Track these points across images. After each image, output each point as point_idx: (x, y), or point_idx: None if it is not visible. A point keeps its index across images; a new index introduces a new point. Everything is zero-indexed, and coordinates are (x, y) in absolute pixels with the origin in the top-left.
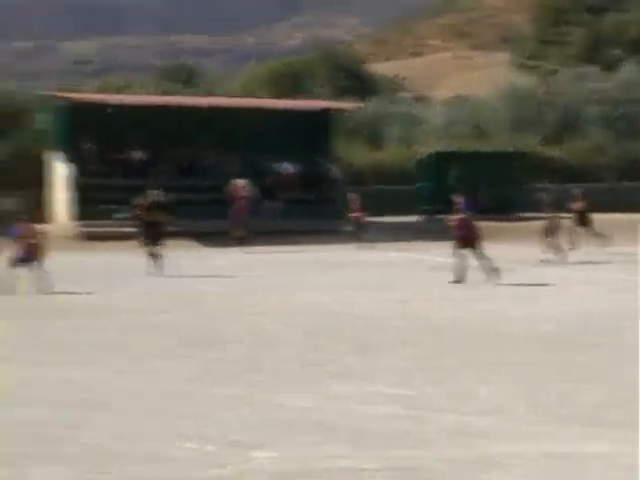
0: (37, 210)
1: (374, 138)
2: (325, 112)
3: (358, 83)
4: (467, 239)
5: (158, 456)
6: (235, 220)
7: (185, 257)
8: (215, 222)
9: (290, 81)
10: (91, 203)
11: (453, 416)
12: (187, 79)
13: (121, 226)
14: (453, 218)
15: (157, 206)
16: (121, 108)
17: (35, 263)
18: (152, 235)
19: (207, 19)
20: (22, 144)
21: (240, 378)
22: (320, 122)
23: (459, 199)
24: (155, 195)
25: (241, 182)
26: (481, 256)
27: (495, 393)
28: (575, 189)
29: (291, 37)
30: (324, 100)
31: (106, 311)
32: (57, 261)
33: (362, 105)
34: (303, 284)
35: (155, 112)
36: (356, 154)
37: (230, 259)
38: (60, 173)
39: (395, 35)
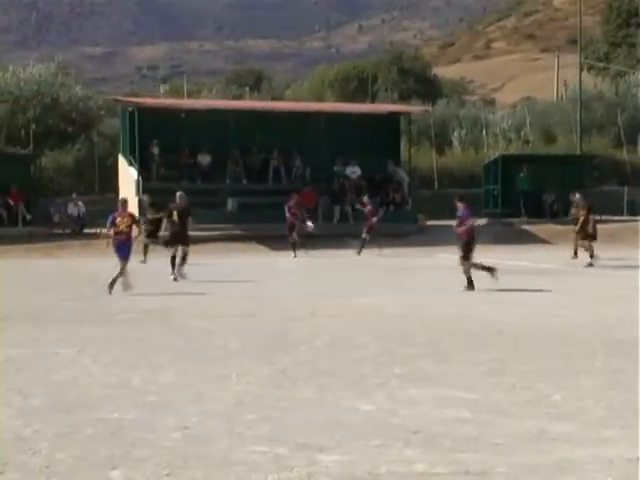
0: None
1: (441, 141)
2: (392, 115)
3: (425, 86)
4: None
5: (228, 459)
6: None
7: (252, 260)
8: (282, 226)
9: (357, 85)
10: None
11: (525, 421)
12: (255, 83)
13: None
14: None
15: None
16: (189, 113)
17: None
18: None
19: (274, 23)
20: (91, 149)
21: (311, 381)
22: (387, 125)
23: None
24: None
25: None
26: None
27: (570, 398)
28: (576, 195)
29: (358, 41)
30: (391, 103)
31: (172, 315)
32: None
33: (429, 108)
34: (370, 287)
35: (223, 116)
36: (423, 157)
37: (297, 262)
38: (128, 177)
39: (462, 38)
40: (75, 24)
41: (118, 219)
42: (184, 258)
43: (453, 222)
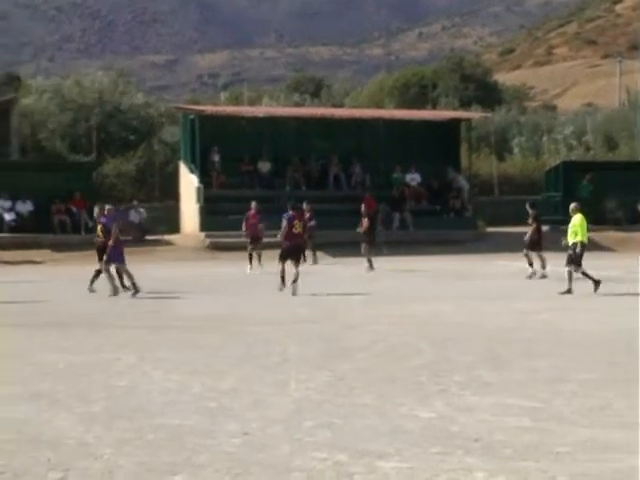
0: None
1: (501, 148)
2: (452, 122)
3: (485, 93)
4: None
5: (288, 465)
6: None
7: (314, 267)
8: (343, 233)
9: (417, 91)
10: (218, 214)
11: (587, 429)
12: (315, 90)
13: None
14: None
15: None
16: (249, 120)
17: None
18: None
19: (334, 31)
20: (152, 156)
21: (370, 388)
22: (447, 132)
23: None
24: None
25: None
26: None
27: (634, 407)
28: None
29: (418, 47)
30: (451, 110)
31: (231, 322)
32: (188, 272)
33: (490, 115)
34: (429, 294)
35: (283, 123)
36: (483, 164)
37: (356, 269)
38: (189, 185)
39: (523, 44)
40: (138, 32)
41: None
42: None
43: (515, 229)
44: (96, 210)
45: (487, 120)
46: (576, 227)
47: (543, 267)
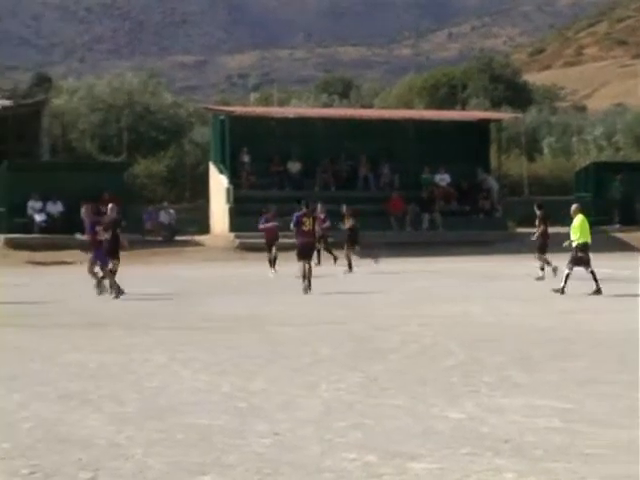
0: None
1: (531, 148)
2: (482, 122)
3: (515, 93)
4: None
5: (318, 466)
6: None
7: (344, 268)
8: (372, 234)
9: (446, 92)
10: (248, 215)
11: (618, 431)
12: (344, 91)
13: None
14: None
15: None
16: (279, 121)
17: None
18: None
19: (363, 31)
20: (182, 157)
21: (401, 389)
22: (477, 132)
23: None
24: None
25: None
26: None
27: None
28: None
29: (447, 48)
30: (481, 110)
31: (261, 322)
32: (217, 272)
33: (520, 115)
34: (459, 295)
35: (312, 124)
36: (513, 165)
37: (386, 270)
38: (218, 185)
39: (553, 44)
40: (167, 33)
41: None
42: (113, 272)
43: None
44: (83, 210)
45: (517, 120)
46: (576, 228)
47: (542, 269)
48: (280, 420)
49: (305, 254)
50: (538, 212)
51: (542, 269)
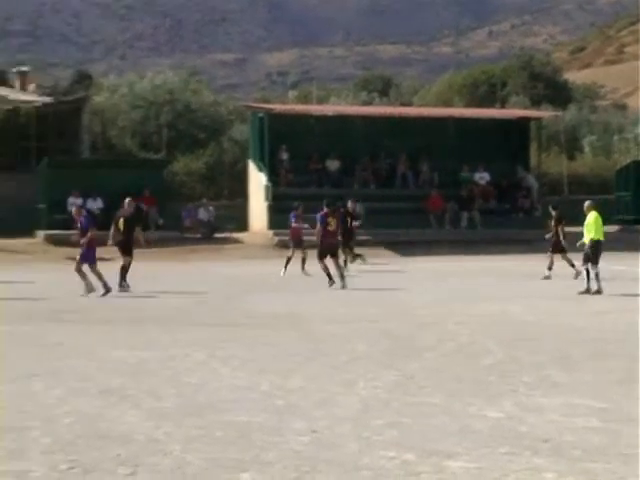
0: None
1: (571, 147)
2: (522, 121)
3: (555, 91)
4: None
5: (356, 463)
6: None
7: (382, 266)
8: (410, 231)
9: (486, 90)
10: (287, 212)
11: None
12: (383, 89)
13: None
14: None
15: None
16: (318, 118)
17: None
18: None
19: (403, 29)
20: (221, 155)
21: (438, 387)
22: (516, 131)
23: None
24: None
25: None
26: None
27: None
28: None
29: (487, 46)
30: (521, 109)
31: (299, 320)
32: (256, 269)
33: (560, 114)
34: (498, 294)
35: (351, 122)
36: (552, 163)
37: (425, 268)
38: (257, 183)
39: (593, 43)
40: (207, 31)
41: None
42: (126, 269)
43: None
44: (74, 210)
45: (557, 119)
46: (590, 225)
47: (549, 268)
48: (318, 418)
49: (328, 254)
50: (553, 213)
51: (550, 268)
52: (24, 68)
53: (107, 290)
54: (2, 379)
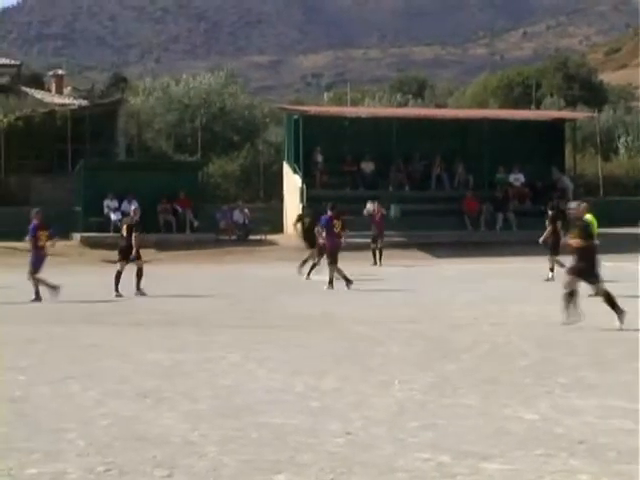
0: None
1: (607, 148)
2: (557, 122)
3: (590, 93)
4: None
5: (391, 465)
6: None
7: (417, 268)
8: (446, 233)
9: (521, 91)
10: (322, 214)
11: None
12: (418, 90)
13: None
14: None
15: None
16: (352, 120)
17: None
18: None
19: (438, 30)
20: (256, 157)
21: (474, 389)
22: (552, 132)
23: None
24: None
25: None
26: None
27: None
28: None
29: (522, 47)
30: (556, 110)
31: (334, 321)
32: (290, 271)
33: (595, 115)
34: (533, 295)
35: (386, 124)
36: (588, 165)
37: (459, 269)
38: (292, 184)
39: (629, 44)
40: (242, 33)
41: (39, 232)
42: (138, 274)
43: (622, 230)
44: (33, 212)
45: (592, 120)
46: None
47: (551, 270)
48: (353, 419)
49: (336, 257)
50: (550, 212)
51: (552, 270)
52: (60, 71)
53: (38, 298)
54: (39, 381)
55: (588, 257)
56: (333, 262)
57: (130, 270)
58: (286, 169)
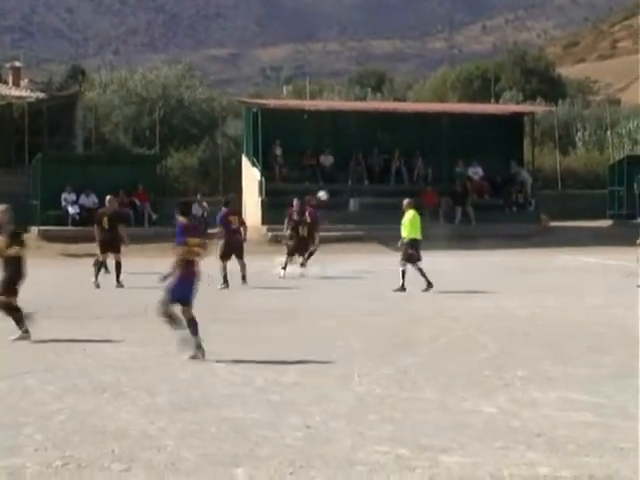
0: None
1: (565, 142)
2: (515, 116)
3: (549, 86)
4: None
5: (350, 459)
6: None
7: (373, 261)
8: None
9: (480, 85)
10: (281, 208)
11: None
12: (377, 84)
13: None
14: None
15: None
16: (312, 114)
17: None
18: None
19: (397, 24)
20: (215, 150)
21: (433, 382)
22: (510, 126)
23: None
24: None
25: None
26: None
27: None
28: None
29: (481, 41)
30: (514, 104)
31: (295, 316)
32: (251, 265)
33: (554, 109)
34: (493, 289)
35: (345, 117)
36: (546, 158)
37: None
38: (251, 178)
39: (587, 37)
40: (201, 26)
41: None
42: (118, 267)
43: (579, 223)
44: None
45: (551, 114)
46: (406, 224)
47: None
48: (313, 413)
49: (232, 252)
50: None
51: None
52: (17, 63)
53: None
54: None
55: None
56: (223, 258)
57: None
58: (245, 162)
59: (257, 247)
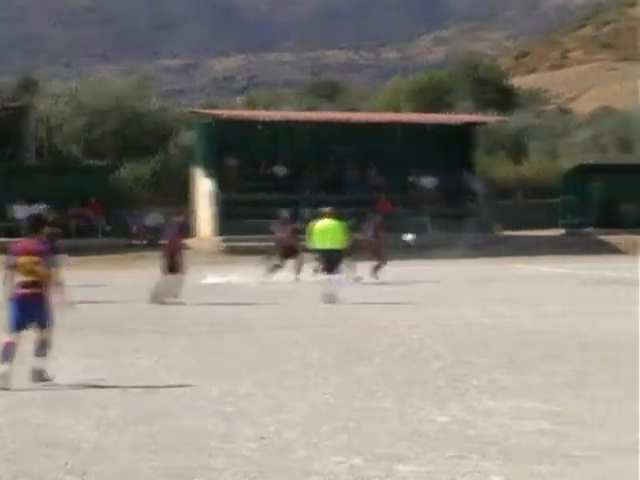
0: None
1: (517, 151)
2: (468, 126)
3: (501, 96)
4: None
5: (305, 469)
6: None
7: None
8: (361, 236)
9: (433, 95)
10: (235, 218)
11: (605, 432)
12: (331, 94)
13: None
14: None
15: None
16: (266, 124)
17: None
18: None
19: (351, 35)
20: (169, 161)
21: (388, 391)
22: (463, 136)
23: None
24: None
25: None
26: None
27: None
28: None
29: (434, 51)
30: (467, 114)
31: (248, 326)
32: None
33: (506, 119)
34: (447, 298)
35: (299, 127)
36: (499, 168)
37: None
38: (204, 189)
39: (538, 48)
40: (154, 37)
41: None
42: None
43: (532, 232)
44: None
45: (503, 124)
46: (317, 232)
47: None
48: (267, 424)
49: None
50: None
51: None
52: None
53: None
54: None
55: None
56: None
57: None
58: (197, 173)
59: (210, 258)
